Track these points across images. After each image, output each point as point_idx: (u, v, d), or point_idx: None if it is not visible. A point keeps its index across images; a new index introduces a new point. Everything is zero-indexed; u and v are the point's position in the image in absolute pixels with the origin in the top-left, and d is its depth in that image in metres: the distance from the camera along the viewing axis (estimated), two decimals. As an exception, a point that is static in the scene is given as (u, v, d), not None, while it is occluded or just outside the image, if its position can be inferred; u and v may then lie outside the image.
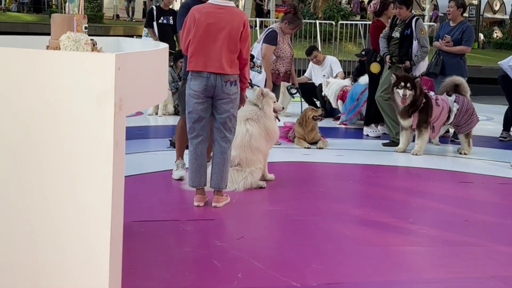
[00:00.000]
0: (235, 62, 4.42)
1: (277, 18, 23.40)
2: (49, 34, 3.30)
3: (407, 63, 7.05)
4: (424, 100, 6.67)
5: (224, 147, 4.51)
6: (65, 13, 3.30)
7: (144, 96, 2.81)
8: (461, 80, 7.17)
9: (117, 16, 24.30)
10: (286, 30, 6.77)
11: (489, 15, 32.30)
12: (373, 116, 7.95)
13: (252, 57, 6.01)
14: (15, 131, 2.51)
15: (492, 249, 3.92)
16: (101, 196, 2.49)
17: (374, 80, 7.76)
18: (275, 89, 6.74)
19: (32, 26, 18.51)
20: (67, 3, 3.27)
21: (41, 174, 2.51)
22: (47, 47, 3.20)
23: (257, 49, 6.83)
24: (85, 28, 3.23)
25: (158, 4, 10.19)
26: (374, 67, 7.25)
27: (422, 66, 7.29)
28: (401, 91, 6.56)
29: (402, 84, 6.56)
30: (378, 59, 7.25)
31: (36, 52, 2.52)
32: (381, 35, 7.34)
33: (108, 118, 2.46)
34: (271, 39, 6.76)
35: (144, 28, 10.46)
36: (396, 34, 7.12)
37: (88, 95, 2.45)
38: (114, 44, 3.87)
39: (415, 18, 7.13)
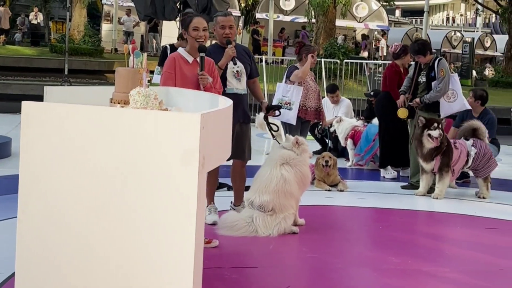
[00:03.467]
0: None
1: (274, 54, 23.72)
2: (52, 69, 3.30)
3: (417, 100, 7.12)
4: (446, 143, 6.77)
5: None
6: (127, 65, 3.34)
7: (218, 153, 2.86)
8: (479, 125, 7.28)
9: (116, 50, 24.41)
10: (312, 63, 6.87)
11: (480, 51, 32.78)
12: (388, 158, 8.03)
13: (279, 107, 6.06)
14: (100, 187, 2.54)
15: (535, 300, 3.97)
16: (184, 254, 2.52)
17: (386, 121, 7.87)
18: (305, 125, 6.83)
19: (35, 60, 18.57)
20: (131, 57, 3.31)
21: (125, 228, 2.54)
22: (111, 100, 3.24)
23: (281, 87, 6.94)
24: (148, 81, 3.28)
25: (172, 43, 10.30)
26: (402, 113, 7.29)
27: (450, 107, 7.23)
28: (435, 132, 6.64)
29: (435, 125, 6.65)
30: (407, 106, 7.29)
31: (126, 111, 2.57)
32: (408, 74, 7.45)
33: (193, 176, 2.50)
34: (293, 70, 6.92)
35: (157, 66, 10.57)
36: (423, 79, 7.18)
37: (174, 154, 2.50)
38: (164, 94, 3.91)
39: (438, 58, 7.22)
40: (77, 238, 2.56)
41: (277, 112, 5.89)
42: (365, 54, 25.51)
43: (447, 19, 52.25)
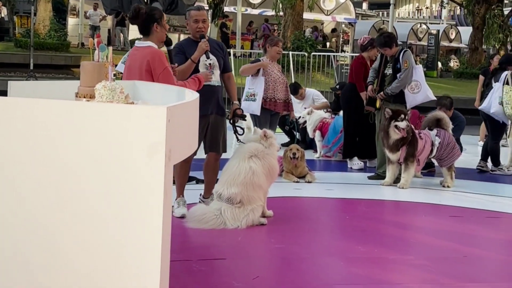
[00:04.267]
0: None
1: (242, 47, 23.71)
2: (17, 65, 3.26)
3: (381, 93, 7.23)
4: (411, 134, 6.89)
5: None
6: (93, 59, 3.33)
7: (185, 145, 2.88)
8: (443, 115, 7.43)
9: (82, 44, 24.12)
10: (273, 53, 6.91)
11: (445, 43, 33.20)
12: (352, 149, 8.13)
13: (244, 117, 6.11)
14: (65, 181, 2.54)
15: (496, 286, 4.08)
16: (152, 246, 2.54)
17: (351, 113, 7.99)
18: (274, 118, 6.89)
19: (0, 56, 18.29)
20: (96, 51, 3.31)
21: (91, 221, 2.54)
22: (76, 94, 3.23)
23: (248, 81, 6.99)
24: (114, 75, 3.28)
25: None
26: (378, 102, 7.36)
27: (415, 98, 7.28)
28: (402, 123, 6.75)
29: (402, 116, 6.76)
30: (374, 97, 7.36)
31: (91, 105, 2.58)
32: (372, 66, 7.55)
33: (159, 169, 2.52)
34: (252, 62, 7.09)
35: (124, 56, 10.48)
36: (389, 71, 7.27)
37: (140, 147, 2.51)
38: (131, 88, 3.91)
39: (403, 50, 7.32)
40: (43, 232, 2.55)
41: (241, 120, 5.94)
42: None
43: (418, 11, 52.70)
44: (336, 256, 4.54)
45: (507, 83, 7.93)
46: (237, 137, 5.67)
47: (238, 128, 5.60)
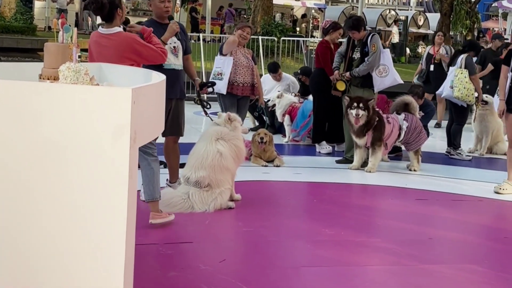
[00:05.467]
0: None
1: (212, 32, 23.59)
2: None
3: (347, 74, 7.29)
4: (377, 119, 6.93)
5: None
6: (57, 41, 3.28)
7: (151, 128, 2.86)
8: (411, 99, 7.51)
9: (49, 28, 23.71)
10: (240, 38, 6.86)
11: (413, 29, 33.41)
12: (321, 134, 8.17)
13: (213, 83, 6.14)
14: (29, 164, 2.51)
15: (460, 267, 4.15)
16: (115, 229, 2.52)
17: (320, 97, 8.02)
18: (242, 102, 6.87)
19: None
20: (60, 32, 3.26)
21: (56, 206, 2.52)
22: (40, 76, 3.18)
23: (216, 61, 6.96)
24: (79, 57, 3.23)
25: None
26: (340, 85, 7.39)
27: (382, 82, 7.30)
28: (354, 111, 6.80)
29: (355, 104, 6.80)
30: (344, 78, 7.40)
31: (54, 86, 2.54)
32: (338, 50, 7.58)
33: (124, 151, 2.50)
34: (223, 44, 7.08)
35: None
36: (357, 55, 7.31)
37: (105, 129, 2.48)
38: (97, 70, 3.86)
39: (371, 34, 7.36)
40: (7, 216, 2.52)
41: (209, 89, 5.98)
42: None
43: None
44: (303, 239, 4.57)
45: (461, 67, 8.05)
46: (205, 112, 5.69)
47: (205, 103, 5.67)
